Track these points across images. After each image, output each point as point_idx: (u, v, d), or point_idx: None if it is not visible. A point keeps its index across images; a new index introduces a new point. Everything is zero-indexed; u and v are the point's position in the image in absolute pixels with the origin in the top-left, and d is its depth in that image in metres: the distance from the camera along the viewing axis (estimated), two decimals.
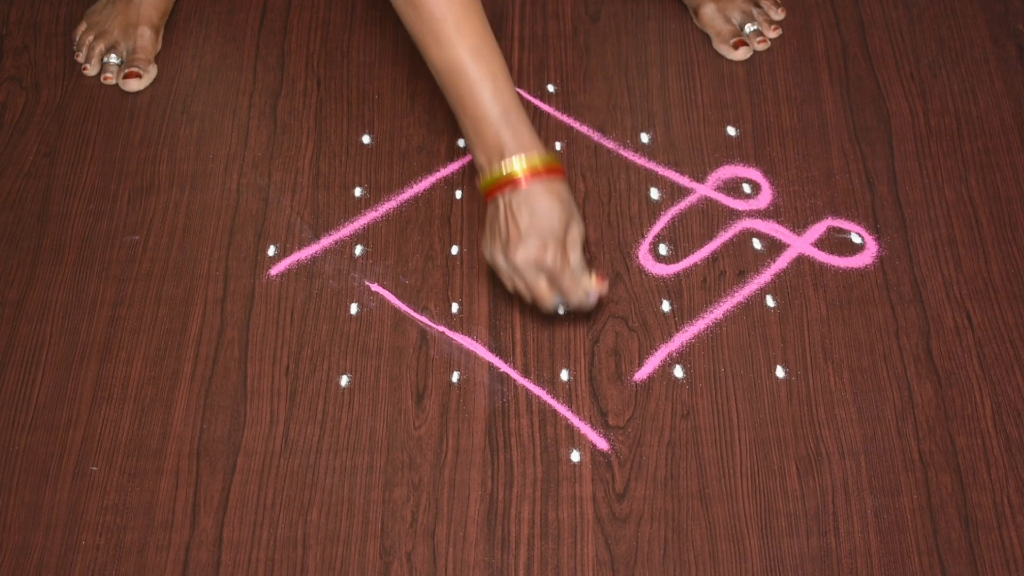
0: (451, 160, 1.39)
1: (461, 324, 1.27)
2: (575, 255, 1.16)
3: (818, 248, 1.31)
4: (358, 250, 1.32)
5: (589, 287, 1.18)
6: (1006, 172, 1.36)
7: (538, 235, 1.13)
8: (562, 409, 1.21)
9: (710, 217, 1.34)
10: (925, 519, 1.13)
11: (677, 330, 1.26)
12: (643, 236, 1.32)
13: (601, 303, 1.25)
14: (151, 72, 1.48)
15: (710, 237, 1.32)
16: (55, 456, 1.19)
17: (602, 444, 1.19)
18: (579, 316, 1.26)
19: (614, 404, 1.21)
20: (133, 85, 1.46)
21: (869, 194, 1.35)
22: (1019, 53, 1.46)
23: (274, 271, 1.31)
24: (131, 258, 1.33)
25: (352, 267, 1.31)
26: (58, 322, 1.28)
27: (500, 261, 1.15)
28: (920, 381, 1.21)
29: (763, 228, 1.33)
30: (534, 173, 1.13)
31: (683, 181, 1.37)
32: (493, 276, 1.29)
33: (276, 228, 1.34)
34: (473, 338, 1.26)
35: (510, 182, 1.13)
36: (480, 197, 1.17)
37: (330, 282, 1.30)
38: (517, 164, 1.13)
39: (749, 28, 1.47)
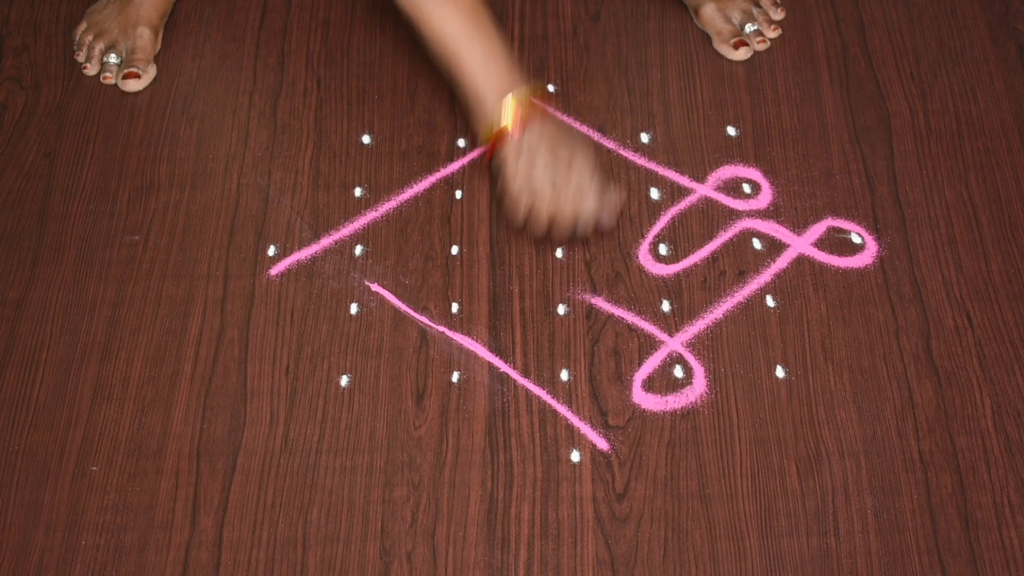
0: (451, 160, 1.39)
1: (461, 324, 1.27)
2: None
3: (818, 248, 1.31)
4: (358, 250, 1.32)
5: (613, 199, 1.24)
6: (1006, 172, 1.36)
7: (581, 142, 1.24)
8: (562, 409, 1.21)
9: (710, 217, 1.34)
10: (925, 519, 1.13)
11: (677, 330, 1.26)
12: (643, 236, 1.32)
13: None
14: (150, 72, 1.48)
15: (710, 237, 1.32)
16: (55, 456, 1.19)
17: (602, 444, 1.19)
18: (579, 316, 1.26)
19: (614, 404, 1.21)
20: (132, 85, 1.46)
21: (869, 194, 1.35)
22: (1019, 53, 1.46)
23: (274, 271, 1.31)
24: (131, 258, 1.33)
25: (352, 267, 1.31)
26: (58, 322, 1.28)
27: (541, 173, 1.22)
28: (920, 381, 1.21)
29: (763, 228, 1.33)
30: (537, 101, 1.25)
31: (683, 181, 1.37)
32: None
33: (276, 228, 1.34)
34: (473, 338, 1.26)
35: (533, 110, 1.23)
36: (487, 139, 1.27)
37: (330, 282, 1.30)
38: (520, 103, 1.24)
39: (749, 28, 1.47)
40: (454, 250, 1.32)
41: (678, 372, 1.23)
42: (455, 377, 1.23)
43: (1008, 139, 1.39)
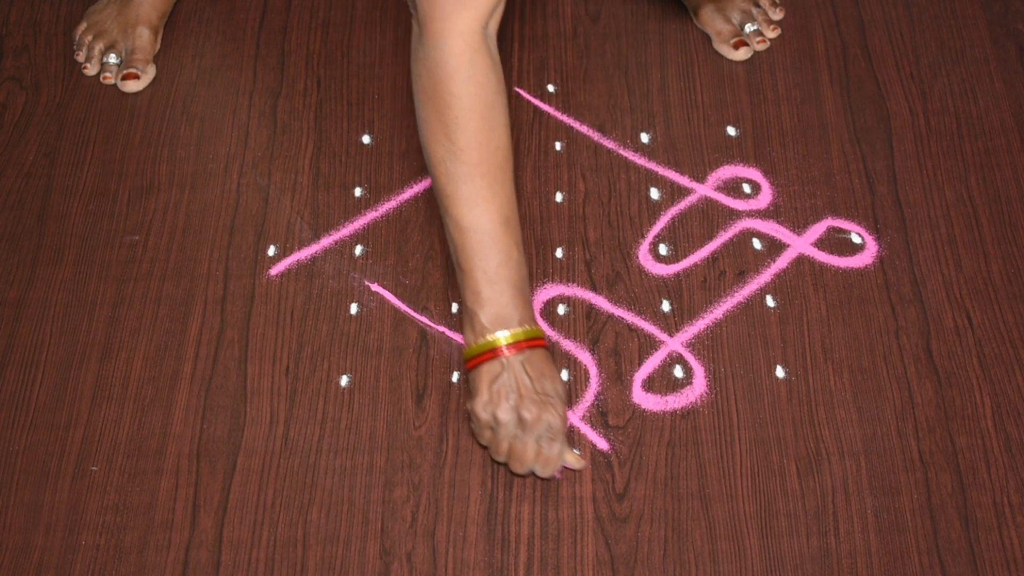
0: None
1: (461, 324, 1.27)
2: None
3: (818, 248, 1.31)
4: (358, 250, 1.32)
5: (572, 461, 1.15)
6: (1006, 172, 1.36)
7: (559, 397, 1.13)
8: None
9: (710, 217, 1.34)
10: (925, 519, 1.13)
11: (677, 330, 1.26)
12: (643, 236, 1.32)
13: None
14: (149, 73, 1.48)
15: (710, 237, 1.33)
16: (55, 456, 1.19)
17: (602, 444, 1.19)
18: (579, 316, 1.26)
19: (614, 404, 1.21)
20: (131, 86, 1.46)
21: (869, 194, 1.35)
22: (1019, 53, 1.46)
23: (274, 271, 1.31)
24: (131, 258, 1.33)
25: (352, 267, 1.31)
26: (58, 322, 1.28)
27: (507, 416, 1.12)
28: (920, 381, 1.21)
29: (763, 228, 1.33)
30: (537, 339, 1.14)
31: (683, 181, 1.37)
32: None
33: (276, 228, 1.34)
34: None
35: (529, 342, 1.13)
36: (465, 356, 1.16)
37: (330, 282, 1.30)
38: (525, 332, 1.13)
39: (749, 28, 1.47)
40: None
41: (678, 372, 1.23)
42: (455, 377, 1.23)
43: (1008, 139, 1.39)
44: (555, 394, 1.12)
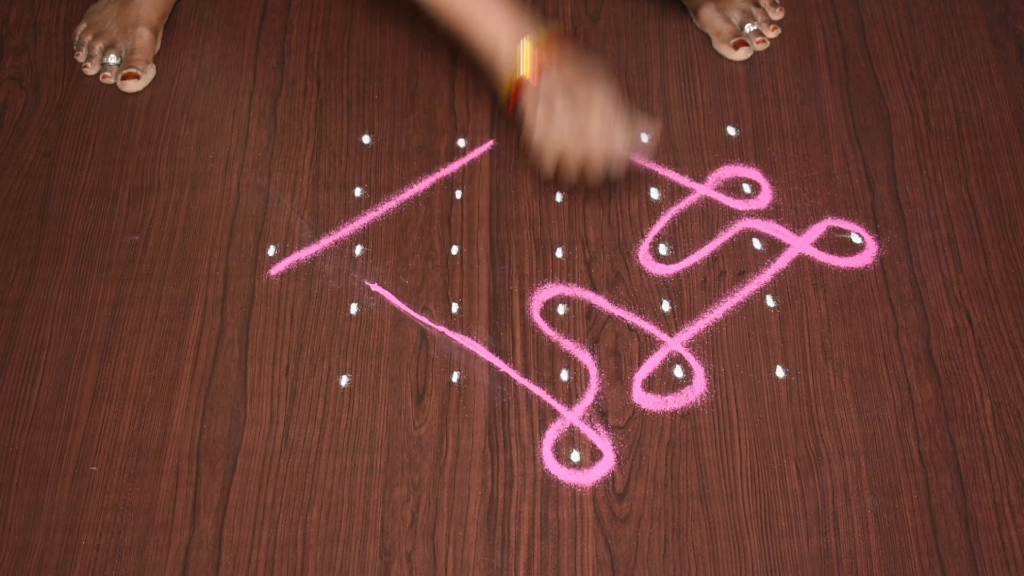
0: (451, 160, 1.39)
1: (461, 324, 1.27)
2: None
3: (818, 248, 1.31)
4: (358, 250, 1.32)
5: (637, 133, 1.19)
6: (1006, 172, 1.36)
7: (602, 78, 1.17)
8: (562, 409, 1.21)
9: (710, 217, 1.34)
10: (925, 519, 1.13)
11: (677, 330, 1.26)
12: (643, 236, 1.32)
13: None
14: (149, 73, 1.48)
15: (710, 237, 1.33)
16: (55, 456, 1.19)
17: (602, 444, 1.19)
18: (579, 316, 1.26)
19: (614, 404, 1.21)
20: (131, 86, 1.46)
21: (869, 194, 1.35)
22: (1019, 53, 1.46)
23: (274, 271, 1.31)
24: (131, 258, 1.33)
25: (352, 267, 1.31)
26: (58, 322, 1.28)
27: (563, 101, 1.16)
28: (920, 381, 1.21)
29: (763, 228, 1.33)
30: (559, 40, 1.19)
31: (683, 181, 1.37)
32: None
33: (276, 228, 1.35)
34: (473, 338, 1.26)
35: (549, 38, 1.18)
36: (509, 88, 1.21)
37: (330, 282, 1.30)
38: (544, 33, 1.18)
39: (749, 28, 1.47)
40: (454, 250, 1.32)
41: (678, 372, 1.23)
42: (455, 377, 1.23)
43: (1008, 139, 1.39)
44: (595, 76, 1.16)
